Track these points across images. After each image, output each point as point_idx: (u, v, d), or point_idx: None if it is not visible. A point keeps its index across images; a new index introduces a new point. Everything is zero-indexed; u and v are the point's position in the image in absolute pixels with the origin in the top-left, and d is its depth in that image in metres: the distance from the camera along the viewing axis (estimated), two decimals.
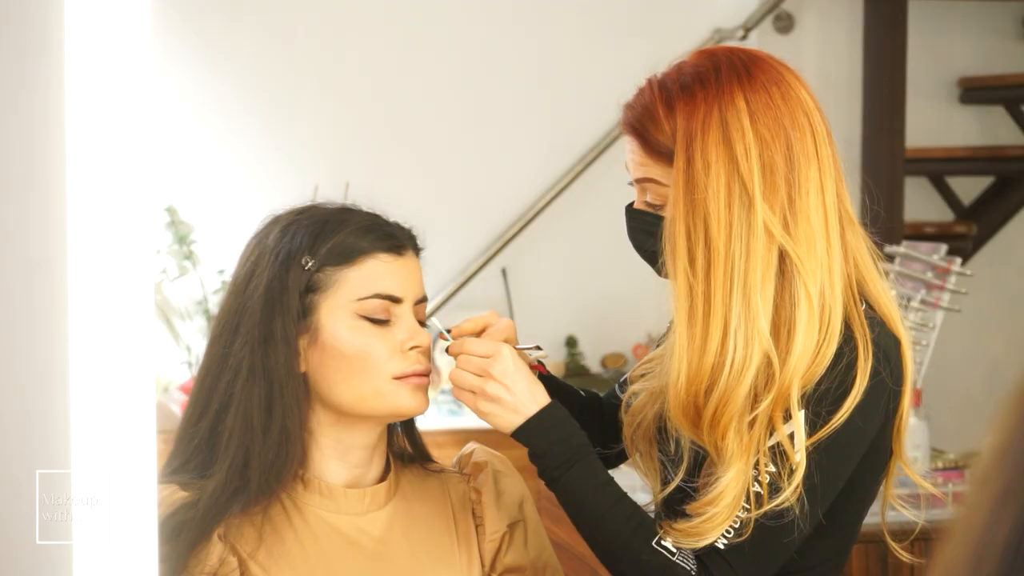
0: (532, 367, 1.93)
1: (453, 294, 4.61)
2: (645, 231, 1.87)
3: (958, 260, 3.56)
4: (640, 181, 1.87)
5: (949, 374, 4.65)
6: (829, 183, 1.82)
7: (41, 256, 1.24)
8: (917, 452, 3.35)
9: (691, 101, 1.81)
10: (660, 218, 1.84)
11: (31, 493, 1.22)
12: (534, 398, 1.85)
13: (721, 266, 1.78)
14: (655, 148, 1.83)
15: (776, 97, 1.81)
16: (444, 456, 2.04)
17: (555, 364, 4.62)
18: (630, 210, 1.90)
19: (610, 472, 1.88)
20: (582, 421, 1.88)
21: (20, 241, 1.28)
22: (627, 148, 1.88)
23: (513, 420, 1.85)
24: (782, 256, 1.79)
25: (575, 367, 4.67)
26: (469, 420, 1.79)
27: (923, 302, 3.52)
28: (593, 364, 4.73)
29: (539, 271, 4.78)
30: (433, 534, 1.90)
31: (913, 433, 3.33)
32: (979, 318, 4.78)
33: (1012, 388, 0.90)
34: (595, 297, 4.76)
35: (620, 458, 2.03)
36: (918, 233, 4.65)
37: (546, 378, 1.97)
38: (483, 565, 1.91)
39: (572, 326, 4.76)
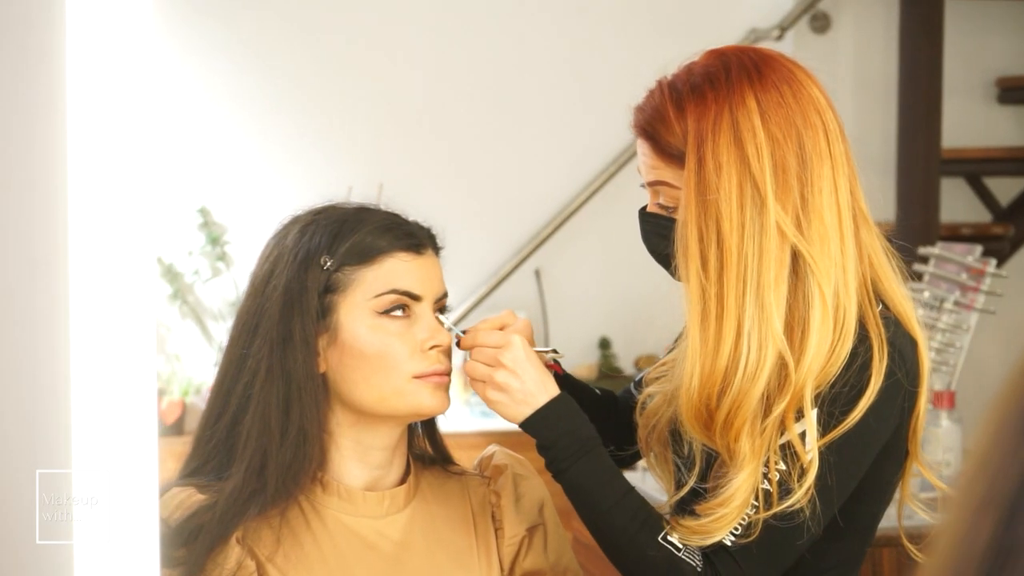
0: (547, 366, 1.92)
1: (486, 295, 4.60)
2: (658, 234, 1.86)
3: (993, 261, 3.53)
4: (652, 184, 1.86)
5: (983, 376, 4.60)
6: (842, 181, 1.80)
7: (43, 256, 1.24)
8: (950, 455, 3.32)
9: (701, 102, 1.79)
10: (673, 221, 1.83)
11: (31, 493, 1.22)
12: (544, 388, 1.83)
13: (734, 267, 1.77)
14: (666, 150, 1.82)
15: (787, 96, 1.79)
16: (473, 459, 2.03)
17: (588, 366, 4.60)
18: (643, 214, 1.89)
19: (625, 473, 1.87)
20: (597, 420, 1.87)
21: (22, 240, 1.29)
22: (639, 151, 1.87)
23: (522, 411, 1.83)
24: (795, 256, 1.78)
25: (609, 368, 4.65)
26: (501, 422, 1.79)
27: (957, 304, 3.49)
28: (627, 366, 4.71)
29: (572, 272, 4.76)
30: (452, 537, 1.89)
31: (947, 435, 3.31)
32: (1015, 320, 4.73)
33: (995, 395, 0.89)
34: (628, 298, 4.74)
35: (634, 459, 2.01)
36: (955, 234, 4.61)
37: (561, 378, 1.96)
38: (502, 569, 1.90)
39: (605, 327, 4.74)
